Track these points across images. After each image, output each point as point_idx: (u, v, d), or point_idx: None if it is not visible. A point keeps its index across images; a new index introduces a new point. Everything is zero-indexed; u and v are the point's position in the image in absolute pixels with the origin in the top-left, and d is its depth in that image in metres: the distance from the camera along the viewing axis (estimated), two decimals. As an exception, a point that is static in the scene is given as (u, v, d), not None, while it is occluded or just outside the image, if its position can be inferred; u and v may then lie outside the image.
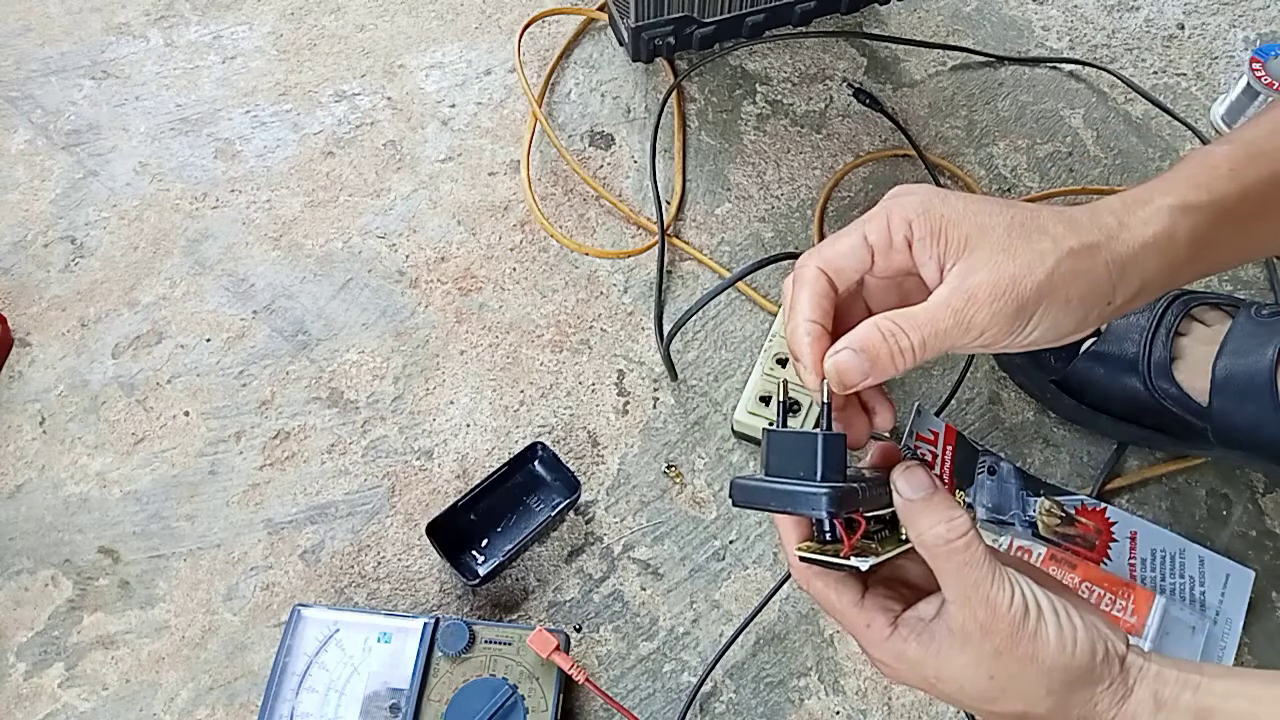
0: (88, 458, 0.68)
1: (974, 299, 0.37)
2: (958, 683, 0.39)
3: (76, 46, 0.86)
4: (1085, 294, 0.38)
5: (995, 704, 0.38)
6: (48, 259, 0.76)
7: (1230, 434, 0.59)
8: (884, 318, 0.38)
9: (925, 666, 0.39)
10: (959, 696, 0.39)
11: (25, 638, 0.63)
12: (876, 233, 0.39)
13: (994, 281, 0.37)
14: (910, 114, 0.83)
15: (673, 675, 0.61)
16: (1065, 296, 0.38)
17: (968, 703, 0.39)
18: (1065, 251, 0.38)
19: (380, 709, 0.56)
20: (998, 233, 0.38)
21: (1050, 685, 0.37)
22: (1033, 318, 0.38)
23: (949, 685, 0.39)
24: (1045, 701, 0.38)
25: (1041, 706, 0.38)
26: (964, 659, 0.38)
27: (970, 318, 0.37)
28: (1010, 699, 0.38)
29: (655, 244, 0.76)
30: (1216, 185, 0.41)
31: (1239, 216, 0.42)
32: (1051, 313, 0.38)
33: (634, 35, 0.79)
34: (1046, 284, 0.37)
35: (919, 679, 0.40)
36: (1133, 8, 0.89)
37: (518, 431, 0.69)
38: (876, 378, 0.38)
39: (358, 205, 0.78)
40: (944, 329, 0.37)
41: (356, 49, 0.87)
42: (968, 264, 0.38)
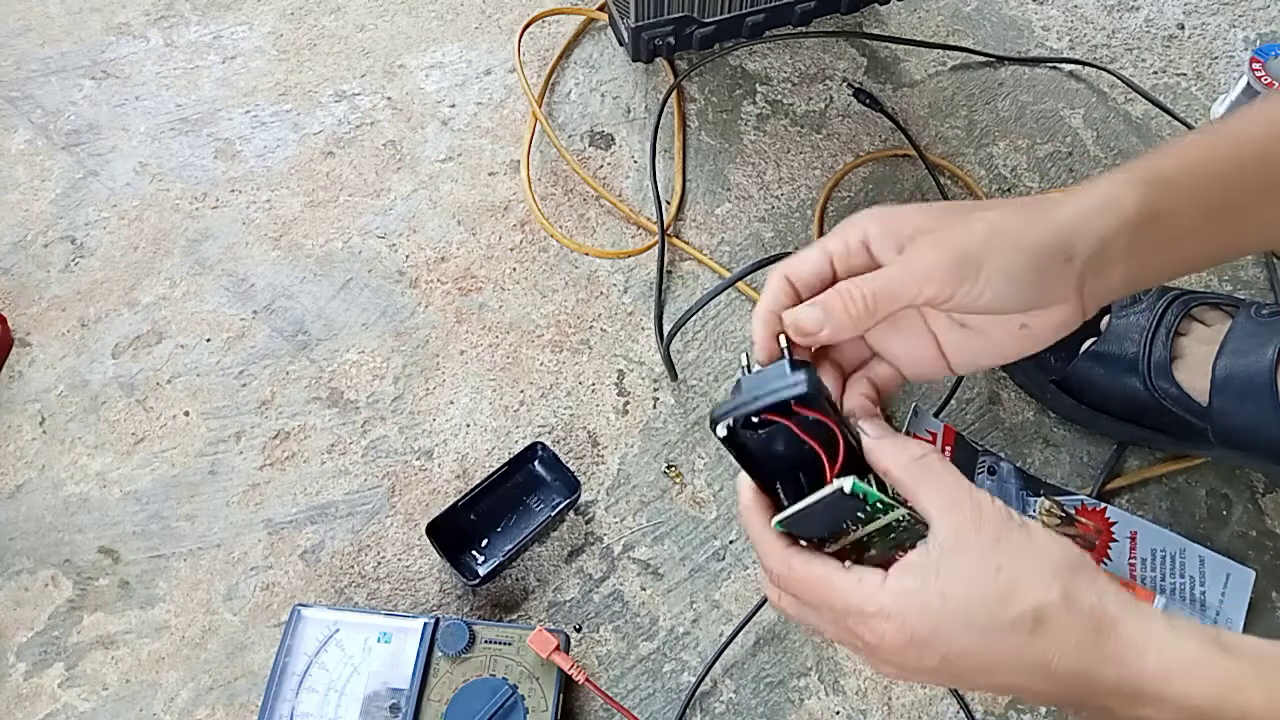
0: (88, 458, 0.68)
1: (920, 250, 0.39)
2: (965, 595, 0.36)
3: (76, 46, 0.86)
4: (1034, 242, 0.39)
5: (1008, 604, 0.36)
6: (48, 259, 0.76)
7: (1230, 434, 0.59)
8: (851, 280, 0.40)
9: (928, 595, 0.36)
10: (970, 617, 0.36)
11: (25, 638, 0.63)
12: (834, 243, 0.42)
13: (938, 237, 0.39)
14: (910, 114, 0.83)
15: (673, 675, 0.61)
16: (1014, 244, 0.39)
17: (980, 621, 0.36)
18: (1010, 209, 0.40)
19: (380, 709, 0.56)
20: (948, 216, 0.40)
21: (1054, 568, 0.37)
22: (981, 268, 0.39)
23: (956, 602, 0.36)
24: (1054, 587, 0.36)
25: (1053, 593, 0.36)
26: (965, 560, 0.37)
27: (914, 264, 0.39)
28: (1021, 592, 0.36)
29: (655, 244, 0.76)
30: (1162, 161, 0.42)
31: (1184, 192, 0.42)
32: (1000, 261, 0.39)
33: (634, 35, 0.79)
34: (989, 232, 0.39)
35: (924, 634, 0.36)
36: (1133, 8, 0.89)
37: (518, 431, 0.69)
38: (834, 328, 0.39)
39: (358, 205, 0.78)
40: (890, 275, 0.39)
41: (356, 49, 0.87)
42: (916, 242, 0.40)
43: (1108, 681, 0.36)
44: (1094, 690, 0.36)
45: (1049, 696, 0.38)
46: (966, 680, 0.38)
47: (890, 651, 0.37)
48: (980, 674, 0.37)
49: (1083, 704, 0.37)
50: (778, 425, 0.39)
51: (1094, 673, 0.36)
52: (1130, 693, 0.36)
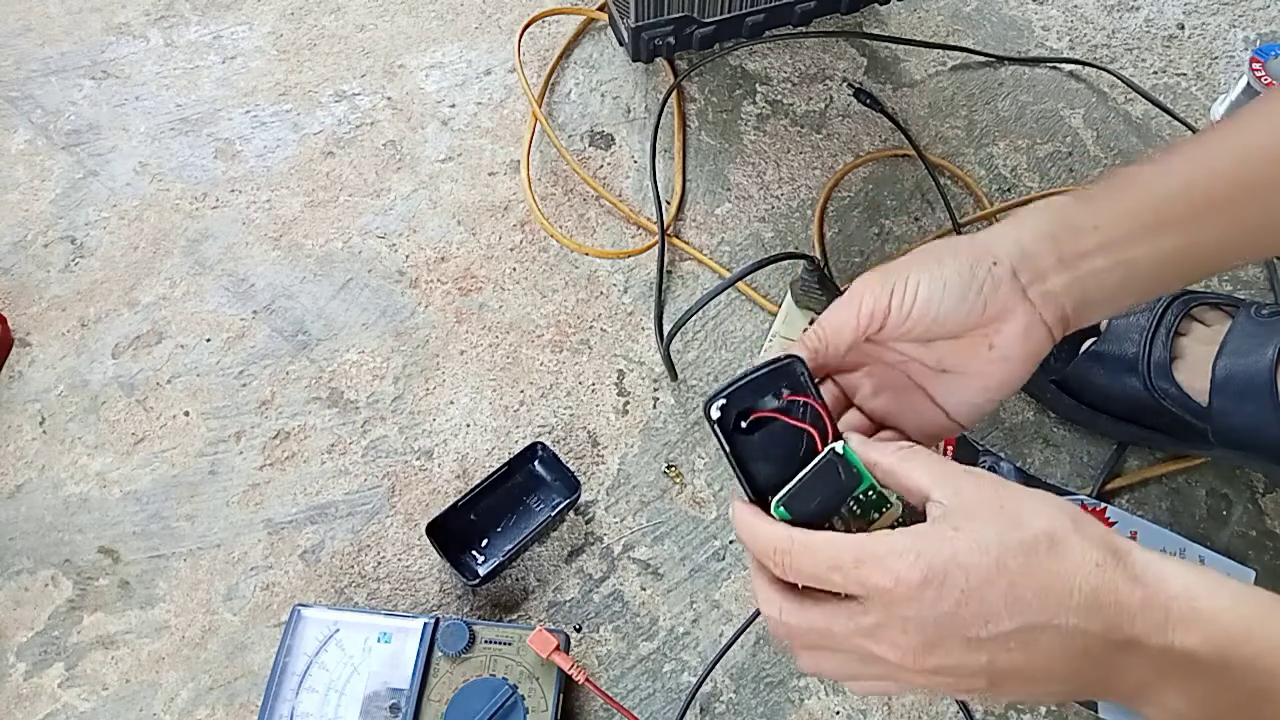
0: (88, 458, 0.68)
1: (858, 280, 0.43)
2: (977, 526, 0.35)
3: (76, 46, 0.86)
4: (955, 250, 0.42)
5: (1020, 529, 0.35)
6: (48, 259, 0.76)
7: (1230, 434, 0.59)
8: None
9: (941, 529, 0.36)
10: (984, 543, 0.35)
11: (25, 638, 0.63)
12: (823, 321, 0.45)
13: (883, 271, 0.43)
14: (910, 114, 0.83)
15: (673, 675, 0.61)
16: (935, 256, 0.42)
17: (995, 544, 0.35)
18: (943, 237, 0.45)
19: (380, 709, 0.56)
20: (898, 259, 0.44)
21: (1057, 505, 0.37)
22: (908, 276, 0.42)
23: (969, 532, 0.35)
24: (1062, 516, 0.36)
25: (1063, 520, 0.36)
26: (969, 506, 0.36)
27: (852, 289, 0.43)
28: (1030, 519, 0.36)
29: (655, 244, 0.76)
30: (1113, 178, 0.44)
31: (1108, 211, 0.43)
32: (925, 269, 0.42)
33: (634, 35, 0.79)
34: (916, 252, 0.43)
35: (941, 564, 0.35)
36: (1133, 8, 0.89)
37: (518, 431, 0.69)
38: (819, 346, 0.43)
39: (358, 205, 0.78)
40: (835, 308, 0.43)
41: (356, 49, 0.87)
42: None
43: (1134, 602, 0.34)
44: (1121, 613, 0.34)
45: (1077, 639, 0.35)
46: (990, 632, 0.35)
47: (905, 594, 0.35)
48: (1006, 611, 0.34)
49: (1109, 638, 0.34)
50: (767, 423, 0.41)
51: (1119, 591, 0.34)
52: (1158, 613, 0.34)
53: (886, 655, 0.36)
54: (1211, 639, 0.34)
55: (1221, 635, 0.34)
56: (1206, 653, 0.34)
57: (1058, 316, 0.42)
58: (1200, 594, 0.34)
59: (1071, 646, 0.34)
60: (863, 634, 0.36)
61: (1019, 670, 0.35)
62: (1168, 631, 0.34)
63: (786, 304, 0.69)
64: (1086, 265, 0.43)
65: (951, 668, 0.35)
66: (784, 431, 0.41)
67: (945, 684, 0.36)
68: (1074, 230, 0.43)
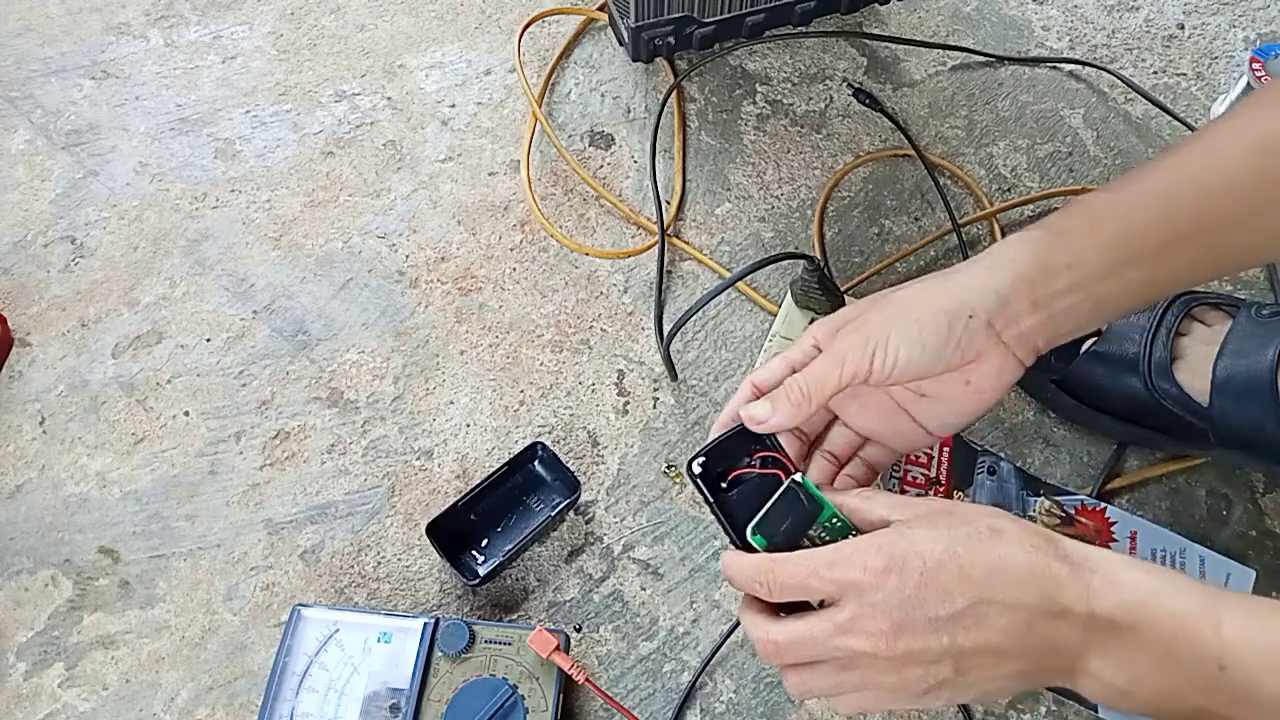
0: (88, 458, 0.68)
1: (839, 340, 0.46)
2: (928, 526, 0.41)
3: (76, 46, 0.86)
4: (932, 309, 0.44)
5: (966, 523, 0.41)
6: (48, 259, 0.76)
7: (1231, 434, 0.59)
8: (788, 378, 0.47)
9: (898, 530, 0.42)
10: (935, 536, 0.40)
11: (25, 638, 0.63)
12: (794, 353, 0.48)
13: (852, 325, 0.46)
14: (910, 114, 0.83)
15: (673, 675, 0.61)
16: (913, 315, 0.44)
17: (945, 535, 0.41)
18: (918, 285, 0.46)
19: (380, 709, 0.56)
20: (869, 305, 0.47)
21: (1002, 511, 0.43)
22: (887, 341, 0.44)
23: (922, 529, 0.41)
24: (1002, 516, 0.42)
25: (1003, 518, 0.42)
26: (923, 516, 0.42)
27: (833, 352, 0.45)
28: (974, 516, 0.42)
29: (655, 244, 0.76)
30: (1063, 221, 0.46)
31: (1082, 249, 0.45)
32: (902, 332, 0.44)
33: (634, 35, 0.79)
34: (892, 311, 0.45)
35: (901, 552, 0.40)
36: (1133, 8, 0.89)
37: (518, 431, 0.69)
38: (781, 416, 0.45)
39: (358, 205, 0.78)
40: (816, 365, 0.46)
41: (356, 49, 0.87)
42: (841, 330, 0.46)
43: (1062, 575, 0.40)
44: (1053, 585, 0.39)
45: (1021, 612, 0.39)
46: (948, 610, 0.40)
47: (872, 581, 0.40)
48: (958, 588, 0.40)
49: (1045, 609, 0.39)
50: (741, 476, 0.47)
51: (1050, 567, 0.40)
52: (1081, 585, 0.39)
53: (862, 647, 0.40)
54: (1124, 605, 0.39)
55: (1132, 602, 0.39)
56: (1121, 617, 0.39)
57: (1029, 351, 0.46)
58: (1118, 570, 0.40)
59: (1016, 619, 0.39)
60: (840, 630, 0.40)
61: (977, 648, 0.40)
62: (1090, 600, 0.39)
63: (786, 304, 0.69)
64: (1059, 304, 0.45)
65: (920, 651, 0.40)
66: (756, 481, 0.46)
67: (917, 676, 0.40)
68: (1049, 271, 0.45)
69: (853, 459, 0.51)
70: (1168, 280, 0.47)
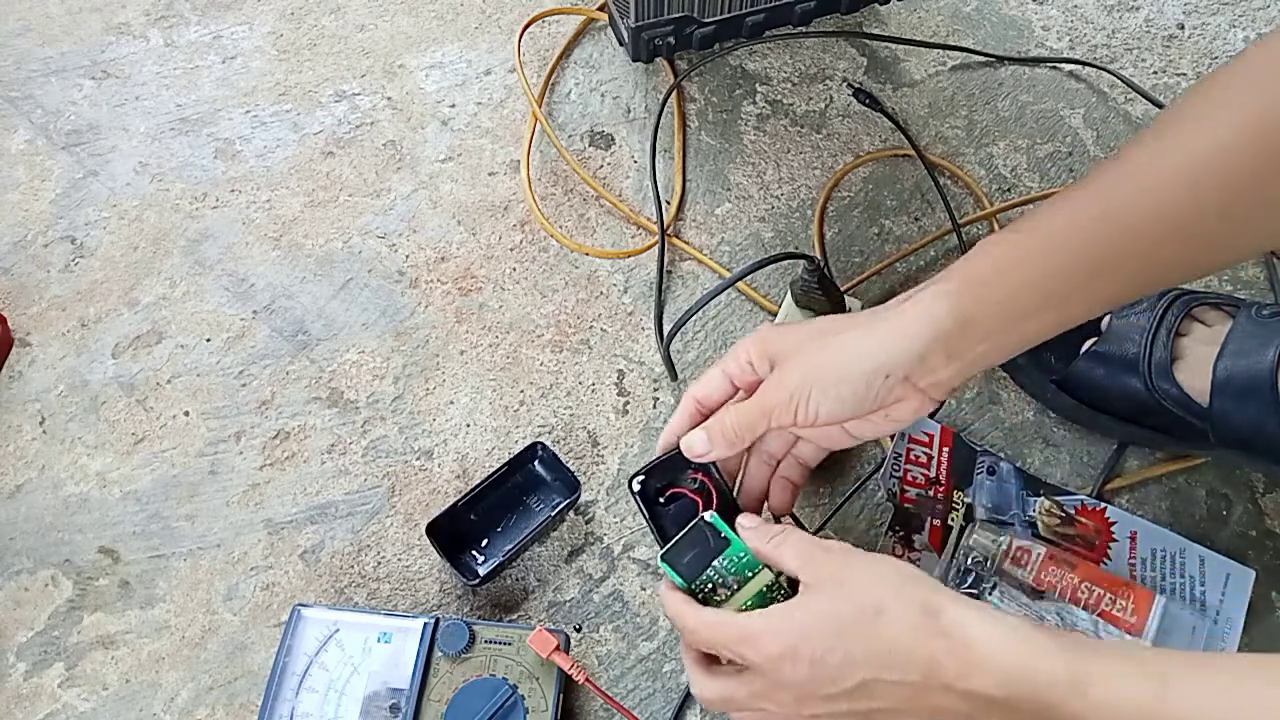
0: (88, 458, 0.68)
1: (768, 387, 0.50)
2: (820, 607, 0.45)
3: (76, 46, 0.86)
4: (854, 371, 0.48)
5: (852, 603, 0.44)
6: (48, 259, 0.76)
7: (1231, 434, 0.59)
8: (725, 407, 0.51)
9: (792, 611, 0.46)
10: (824, 621, 0.44)
11: (25, 638, 0.63)
12: (730, 364, 0.52)
13: (777, 378, 0.50)
14: (910, 114, 0.83)
15: (673, 675, 0.61)
16: (836, 376, 0.48)
17: (832, 621, 0.44)
18: (827, 347, 0.49)
19: (380, 709, 0.56)
20: (796, 343, 0.50)
21: (887, 577, 0.46)
22: (809, 399, 0.48)
23: (814, 611, 0.45)
24: (887, 589, 0.45)
25: (887, 591, 0.45)
26: (819, 586, 0.46)
27: (764, 400, 0.50)
28: (860, 594, 0.45)
29: (655, 244, 0.76)
30: (978, 270, 0.48)
31: (998, 301, 0.47)
32: (820, 390, 0.48)
33: (634, 35, 0.79)
34: (810, 372, 0.49)
35: (793, 641, 0.44)
36: (1133, 8, 0.89)
37: (518, 431, 0.69)
38: (715, 453, 0.51)
39: (358, 205, 0.78)
40: (746, 414, 0.50)
41: (356, 49, 0.87)
42: (775, 371, 0.50)
43: (940, 653, 0.42)
44: (932, 664, 0.42)
45: (905, 688, 0.43)
46: (839, 688, 0.44)
47: (770, 666, 0.44)
48: (845, 672, 0.43)
49: (928, 684, 0.42)
50: (676, 496, 0.54)
51: (930, 646, 0.42)
52: (959, 663, 0.42)
53: (775, 710, 0.46)
54: (1001, 684, 0.41)
55: (1007, 680, 0.41)
56: (999, 695, 0.41)
57: (944, 392, 0.50)
58: (993, 643, 0.42)
59: (901, 693, 0.43)
60: (756, 695, 0.46)
61: (876, 711, 0.44)
62: (968, 678, 0.42)
63: (786, 304, 0.69)
64: (973, 353, 0.48)
65: (825, 714, 0.45)
66: (689, 501, 0.53)
67: None
68: (965, 326, 0.47)
69: (787, 456, 0.56)
70: (1083, 314, 0.49)
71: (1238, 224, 0.45)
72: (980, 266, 0.48)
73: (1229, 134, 0.44)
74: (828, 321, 0.51)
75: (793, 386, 0.49)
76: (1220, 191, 0.44)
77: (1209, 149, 0.44)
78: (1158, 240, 0.46)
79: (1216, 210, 0.45)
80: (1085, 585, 0.60)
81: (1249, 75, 0.45)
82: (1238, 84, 0.45)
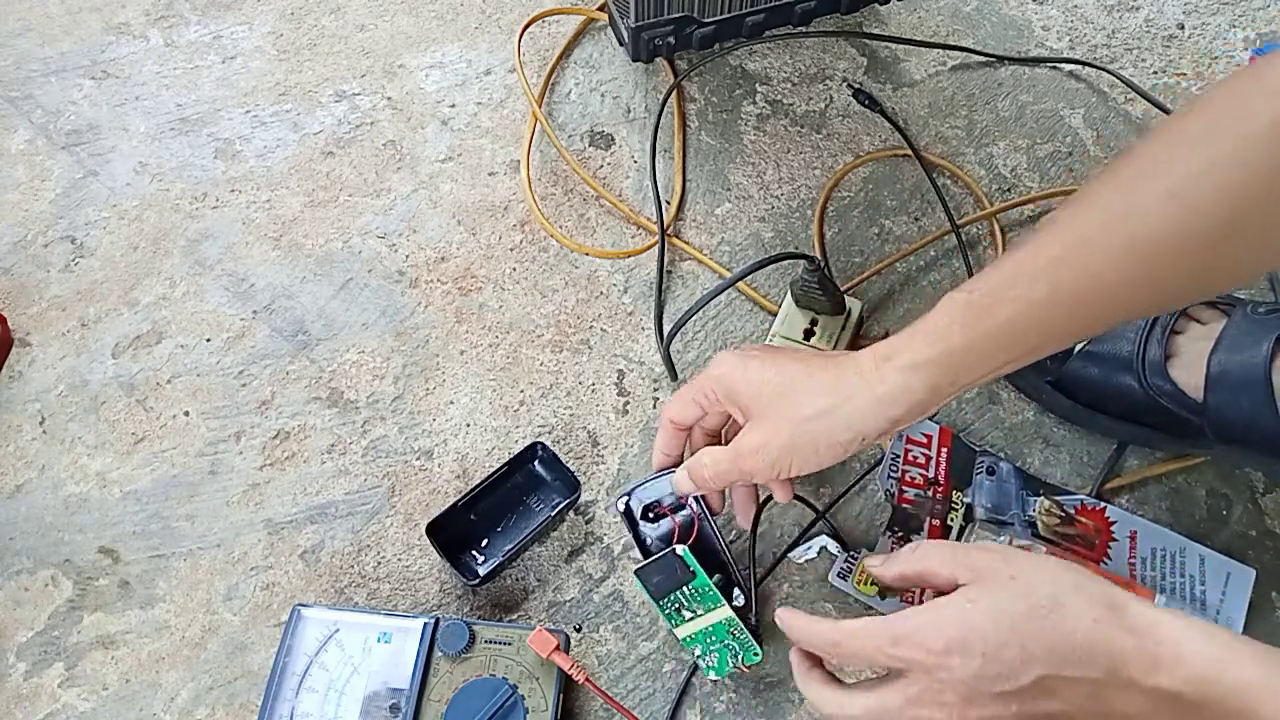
0: (88, 458, 0.68)
1: (740, 454, 0.51)
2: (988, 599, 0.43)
3: (76, 46, 0.86)
4: (830, 442, 0.49)
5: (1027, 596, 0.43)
6: (48, 259, 0.76)
7: (1226, 429, 0.59)
8: (705, 451, 0.54)
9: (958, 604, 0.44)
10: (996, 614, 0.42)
11: (25, 638, 0.63)
12: (697, 393, 0.54)
13: (755, 444, 0.51)
14: (910, 114, 0.83)
15: (673, 675, 0.61)
16: (811, 448, 0.49)
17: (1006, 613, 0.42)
18: (803, 418, 0.49)
19: (380, 709, 0.56)
20: (764, 400, 0.51)
21: (1060, 567, 0.45)
22: (788, 464, 0.50)
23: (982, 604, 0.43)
24: (1064, 579, 0.43)
25: (1064, 583, 0.43)
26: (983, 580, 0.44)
27: (740, 465, 0.52)
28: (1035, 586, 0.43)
29: (655, 244, 0.76)
30: (950, 339, 0.47)
31: (970, 364, 0.48)
32: (800, 458, 0.50)
33: (634, 35, 0.79)
34: (790, 444, 0.50)
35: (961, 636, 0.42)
36: (1133, 8, 0.89)
37: (518, 431, 0.69)
38: (702, 487, 0.55)
39: (358, 205, 0.78)
40: (725, 469, 0.53)
41: (356, 49, 0.87)
42: (745, 429, 0.52)
43: (1127, 649, 0.40)
44: (1116, 659, 0.40)
45: (1084, 685, 0.41)
46: (1013, 686, 0.41)
47: (935, 661, 0.42)
48: (1021, 668, 0.41)
49: (1109, 681, 0.41)
50: (661, 514, 0.59)
51: (1113, 641, 0.41)
52: (1147, 660, 0.40)
53: (934, 717, 0.43)
54: (1190, 681, 0.40)
55: (1198, 678, 0.40)
56: (1187, 693, 0.40)
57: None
58: (1184, 641, 0.40)
59: (1080, 690, 0.41)
60: (911, 703, 0.43)
61: (1046, 714, 0.42)
62: (1155, 674, 0.40)
63: (786, 304, 0.69)
64: (945, 401, 0.50)
65: (990, 718, 0.42)
66: (668, 521, 0.58)
67: None
68: (938, 394, 0.48)
69: None
70: (1053, 349, 0.50)
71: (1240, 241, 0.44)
72: (954, 330, 0.47)
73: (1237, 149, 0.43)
74: (793, 373, 0.51)
75: (773, 457, 0.50)
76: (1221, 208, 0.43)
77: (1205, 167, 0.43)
78: (1109, 313, 0.47)
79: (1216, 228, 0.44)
80: (1085, 585, 0.60)
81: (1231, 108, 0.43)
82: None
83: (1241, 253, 0.44)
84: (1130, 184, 0.45)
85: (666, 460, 0.58)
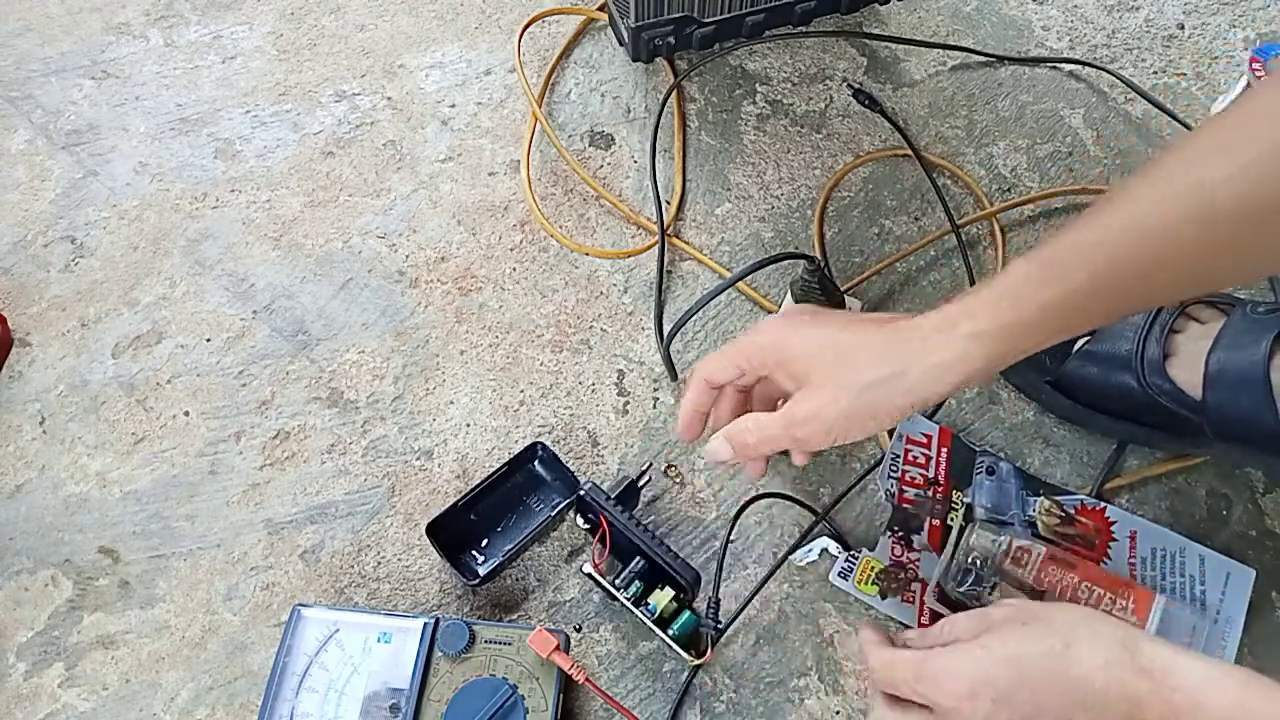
0: (88, 458, 0.68)
1: (793, 421, 0.50)
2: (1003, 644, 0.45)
3: (76, 46, 0.86)
4: (888, 409, 0.49)
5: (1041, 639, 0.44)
6: (48, 259, 0.76)
7: (1225, 427, 0.59)
8: (748, 417, 0.52)
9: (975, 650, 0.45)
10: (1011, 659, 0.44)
11: (25, 638, 0.63)
12: (743, 358, 0.53)
13: (810, 411, 0.50)
14: (910, 114, 0.83)
15: (673, 675, 0.61)
16: (870, 414, 0.49)
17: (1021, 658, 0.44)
18: (863, 385, 0.49)
19: (380, 709, 0.56)
20: (820, 366, 0.50)
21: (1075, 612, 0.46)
22: (844, 431, 0.50)
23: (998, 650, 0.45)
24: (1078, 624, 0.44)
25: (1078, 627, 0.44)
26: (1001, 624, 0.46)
27: (793, 433, 0.51)
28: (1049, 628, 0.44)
29: (655, 244, 0.76)
30: (1019, 309, 0.47)
31: (1034, 334, 0.48)
32: (858, 424, 0.49)
33: (634, 35, 0.79)
34: (848, 411, 0.49)
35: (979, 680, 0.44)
36: (1133, 8, 0.89)
37: (518, 431, 0.69)
38: (740, 456, 0.53)
39: (358, 205, 0.78)
40: (774, 435, 0.51)
41: (356, 49, 0.87)
42: (797, 395, 0.51)
43: (1142, 692, 0.41)
44: (1131, 703, 0.41)
45: None
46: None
47: (955, 707, 0.44)
48: (1031, 712, 0.42)
49: None
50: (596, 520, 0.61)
51: (1127, 685, 0.41)
52: (1163, 705, 0.40)
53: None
54: None
55: None
56: None
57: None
58: (1198, 683, 0.40)
59: None
60: (921, 697, 0.46)
61: None
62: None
63: (786, 304, 0.69)
64: (1004, 365, 0.50)
65: None
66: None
67: None
68: (993, 364, 0.48)
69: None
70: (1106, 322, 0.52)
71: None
72: (1022, 307, 0.47)
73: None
74: (849, 338, 0.50)
75: (829, 423, 0.49)
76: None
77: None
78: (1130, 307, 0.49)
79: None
80: (1085, 585, 0.60)
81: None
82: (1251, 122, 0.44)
83: None
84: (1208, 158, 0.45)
85: (696, 417, 0.56)
